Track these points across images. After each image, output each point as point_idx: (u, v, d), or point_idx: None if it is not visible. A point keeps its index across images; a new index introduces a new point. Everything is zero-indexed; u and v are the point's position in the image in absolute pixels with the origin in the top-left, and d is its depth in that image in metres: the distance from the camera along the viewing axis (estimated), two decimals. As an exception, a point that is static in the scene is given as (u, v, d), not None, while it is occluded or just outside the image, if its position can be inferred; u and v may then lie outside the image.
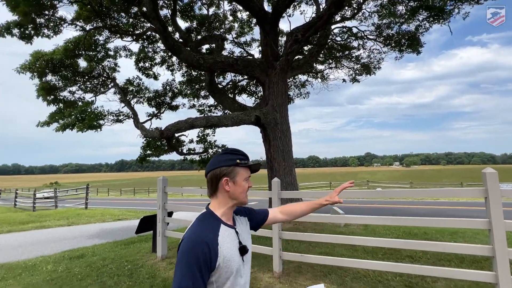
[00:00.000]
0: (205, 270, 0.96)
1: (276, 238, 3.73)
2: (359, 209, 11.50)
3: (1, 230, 8.96)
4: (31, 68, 8.17)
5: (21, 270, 4.81)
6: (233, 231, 1.12)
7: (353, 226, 7.12)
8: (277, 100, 7.29)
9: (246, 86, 11.61)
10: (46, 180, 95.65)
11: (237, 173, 1.12)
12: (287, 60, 7.14)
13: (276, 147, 7.14)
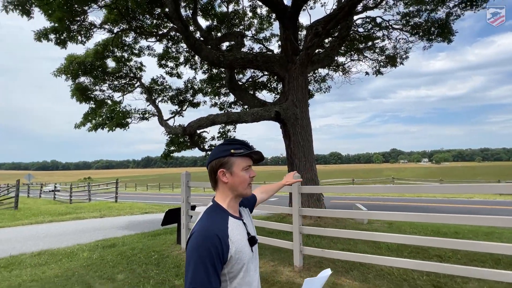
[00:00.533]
0: (218, 263, 0.94)
1: (297, 233, 3.74)
2: (383, 207, 11.10)
3: (44, 220, 9.82)
4: (66, 70, 8.79)
5: (61, 256, 5.25)
6: (241, 223, 1.11)
7: (377, 224, 6.91)
8: (297, 95, 7.21)
9: (266, 82, 11.59)
10: (80, 176, 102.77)
11: (233, 164, 1.08)
12: (307, 54, 7.02)
13: (296, 143, 7.09)
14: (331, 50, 7.82)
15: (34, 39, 7.19)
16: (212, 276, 0.92)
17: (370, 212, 3.80)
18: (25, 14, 6.50)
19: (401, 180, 26.22)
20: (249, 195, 1.14)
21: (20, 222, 9.38)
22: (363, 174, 61.91)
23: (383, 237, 3.44)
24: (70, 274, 4.10)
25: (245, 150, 1.10)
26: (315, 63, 7.75)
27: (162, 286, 3.48)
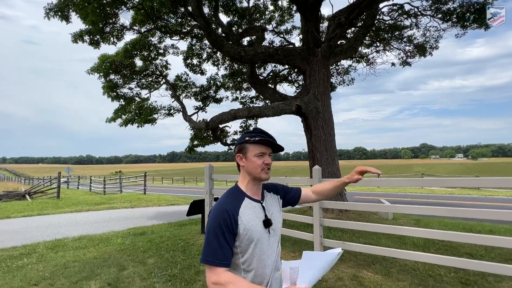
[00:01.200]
0: (229, 234, 1.09)
1: (317, 225, 3.77)
2: (411, 204, 10.64)
3: (82, 209, 10.71)
4: (98, 69, 9.43)
5: (98, 241, 5.74)
6: (259, 205, 1.21)
7: (403, 220, 6.68)
8: (318, 88, 7.11)
9: (287, 75, 11.51)
10: (112, 169, 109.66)
11: (247, 150, 1.21)
12: (329, 46, 6.87)
13: (317, 137, 7.02)
14: (355, 40, 7.56)
15: (72, 41, 7.79)
16: (223, 245, 1.08)
17: (393, 206, 3.69)
18: (64, 19, 7.05)
19: (432, 177, 24.81)
20: (264, 179, 1.23)
21: (62, 210, 10.31)
22: (389, 170, 59.27)
23: (408, 231, 3.32)
24: (107, 257, 4.49)
25: (259, 138, 1.20)
26: (338, 54, 7.56)
27: (188, 271, 3.70)
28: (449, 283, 3.14)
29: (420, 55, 9.68)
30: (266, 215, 1.20)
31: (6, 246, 5.36)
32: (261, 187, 1.29)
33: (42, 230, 6.83)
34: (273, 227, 1.22)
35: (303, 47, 7.54)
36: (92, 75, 9.65)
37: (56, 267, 4.05)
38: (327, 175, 6.85)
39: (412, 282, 3.16)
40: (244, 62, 7.81)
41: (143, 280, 3.44)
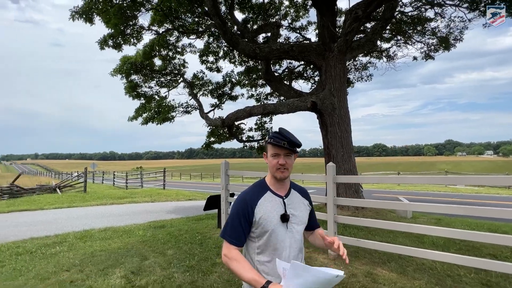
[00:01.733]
0: (244, 221, 1.25)
1: (331, 222, 3.78)
2: (433, 202, 10.24)
3: (106, 202, 11.33)
4: (120, 70, 9.85)
5: (122, 232, 6.09)
6: (280, 200, 1.31)
7: (423, 219, 6.49)
8: (334, 84, 7.01)
9: (303, 71, 11.39)
10: (133, 165, 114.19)
11: (268, 149, 1.33)
12: (346, 41, 6.74)
13: (333, 133, 6.94)
14: (373, 34, 7.34)
15: (99, 48, 8.21)
16: (237, 228, 1.25)
17: (411, 204, 3.63)
18: (88, 22, 7.44)
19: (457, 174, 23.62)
20: (279, 178, 1.30)
21: (89, 203, 10.97)
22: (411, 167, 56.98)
23: (425, 229, 3.24)
24: (130, 247, 4.77)
25: (275, 140, 1.28)
26: (355, 49, 7.38)
27: (204, 262, 3.86)
28: (469, 283, 3.06)
29: (444, 48, 9.21)
30: (285, 210, 1.28)
31: (41, 235, 5.83)
32: (286, 184, 1.36)
33: (72, 221, 7.33)
34: (292, 223, 1.29)
35: (318, 42, 7.45)
36: (115, 76, 10.11)
37: (85, 255, 4.37)
38: (343, 172, 6.78)
39: (429, 281, 3.11)
40: (259, 59, 7.85)
41: (163, 269, 3.64)
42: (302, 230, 1.35)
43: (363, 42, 7.37)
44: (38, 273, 3.67)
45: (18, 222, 7.32)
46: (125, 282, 3.25)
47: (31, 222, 7.22)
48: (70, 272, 3.65)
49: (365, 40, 7.45)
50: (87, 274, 3.52)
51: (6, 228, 6.52)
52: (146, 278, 3.34)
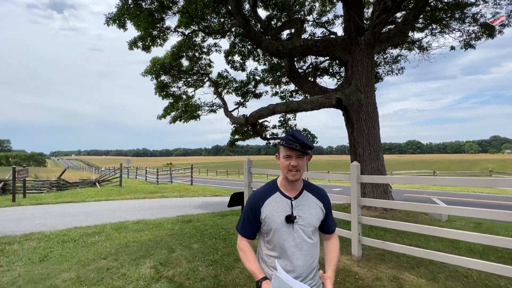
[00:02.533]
0: (252, 216, 1.37)
1: (355, 222, 3.68)
2: (475, 205, 9.41)
3: (139, 196, 12.10)
4: (150, 71, 10.39)
5: (152, 225, 6.47)
6: (287, 201, 1.34)
7: (460, 222, 6.02)
8: (361, 80, 6.73)
9: (328, 67, 11.07)
10: (164, 161, 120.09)
11: (280, 151, 1.37)
12: (374, 33, 6.42)
13: (360, 131, 6.69)
14: (404, 25, 6.89)
15: (128, 48, 8.74)
16: (246, 222, 1.38)
17: (447, 207, 3.38)
18: (121, 27, 7.96)
19: (503, 174, 21.41)
20: (290, 179, 1.33)
21: (124, 197, 11.80)
22: (449, 166, 52.71)
23: (460, 235, 2.99)
24: (159, 239, 5.07)
25: (287, 142, 1.30)
26: (384, 42, 7.00)
27: (227, 258, 3.99)
28: (510, 295, 2.80)
29: (487, 36, 8.35)
30: (292, 211, 1.31)
31: (82, 225, 6.42)
32: (297, 186, 1.37)
33: (109, 213, 7.95)
34: (299, 224, 1.31)
35: (344, 36, 7.18)
36: (146, 76, 10.69)
37: (120, 245, 4.73)
38: (370, 171, 6.52)
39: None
40: (283, 56, 7.78)
41: (188, 262, 3.83)
42: (313, 232, 1.35)
43: (393, 34, 6.96)
44: (80, 259, 4.06)
45: (64, 212, 8.12)
46: (154, 272, 3.48)
47: (75, 213, 7.96)
48: (107, 260, 3.99)
49: (395, 32, 7.03)
50: (121, 263, 3.82)
51: (55, 218, 7.28)
52: (173, 270, 3.54)
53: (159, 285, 3.14)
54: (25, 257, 4.28)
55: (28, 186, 13.11)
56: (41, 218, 7.17)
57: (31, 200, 10.63)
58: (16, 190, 10.85)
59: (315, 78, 10.41)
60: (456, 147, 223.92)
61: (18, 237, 5.31)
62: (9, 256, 4.31)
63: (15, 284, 3.25)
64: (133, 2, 7.24)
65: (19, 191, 11.49)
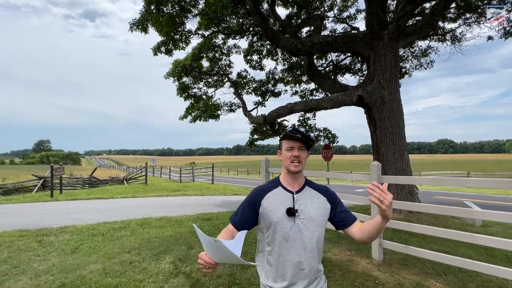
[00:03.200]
0: (249, 208, 1.35)
1: (376, 225, 3.52)
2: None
3: (163, 194, 12.58)
4: (172, 73, 10.76)
5: (174, 222, 6.70)
6: (289, 195, 1.34)
7: (496, 228, 5.54)
8: (384, 76, 6.44)
9: (349, 64, 10.72)
10: (187, 160, 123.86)
11: (282, 145, 1.40)
12: (398, 27, 6.11)
13: (383, 129, 6.40)
14: (432, 16, 6.46)
15: (153, 54, 9.12)
16: (241, 213, 1.36)
17: (482, 211, 3.10)
18: (143, 31, 8.32)
19: (550, 176, 19.32)
20: (292, 171, 1.34)
21: (149, 194, 12.33)
22: (486, 167, 48.56)
23: (494, 242, 2.73)
24: (179, 236, 5.24)
25: (289, 133, 1.35)
26: (409, 35, 6.62)
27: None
28: (553, 310, 2.52)
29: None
30: (293, 204, 1.30)
31: (110, 220, 6.81)
32: (299, 180, 1.37)
33: (134, 210, 8.36)
34: (301, 218, 1.28)
35: (366, 31, 6.90)
36: (168, 78, 11.09)
37: (143, 240, 4.95)
38: (394, 172, 6.22)
39: (496, 302, 2.67)
40: (301, 54, 7.66)
41: (206, 259, 3.91)
42: (315, 227, 1.29)
43: (420, 26, 6.55)
44: (106, 252, 4.31)
45: (94, 208, 8.67)
46: (173, 267, 3.60)
47: (104, 209, 8.47)
48: (130, 254, 4.20)
49: (422, 24, 6.62)
50: (143, 257, 4.00)
51: (86, 213, 7.80)
52: (191, 266, 3.63)
53: (177, 280, 3.25)
54: (59, 248, 4.63)
55: (64, 183, 14.17)
56: (75, 213, 7.72)
57: (66, 196, 11.48)
58: (54, 186, 11.77)
59: (336, 75, 10.13)
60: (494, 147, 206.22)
61: (54, 230, 5.76)
62: (46, 247, 4.68)
63: (49, 272, 3.53)
64: (155, 8, 7.53)
65: (56, 187, 12.46)
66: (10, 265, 3.79)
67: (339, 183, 22.45)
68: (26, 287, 3.12)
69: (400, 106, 6.53)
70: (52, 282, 3.20)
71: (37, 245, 4.75)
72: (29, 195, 12.10)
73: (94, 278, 3.28)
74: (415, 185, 6.50)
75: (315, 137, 10.37)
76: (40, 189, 13.69)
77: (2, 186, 13.88)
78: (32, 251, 4.44)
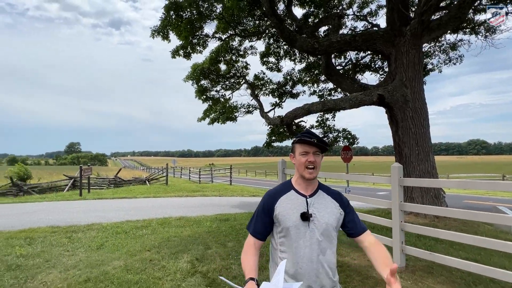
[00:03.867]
0: (264, 214, 1.32)
1: (397, 229, 3.37)
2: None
3: (182, 194, 12.91)
4: (191, 77, 11.03)
5: (192, 222, 6.84)
6: (303, 199, 1.30)
7: (536, 236, 5.07)
8: (407, 73, 6.16)
9: (369, 62, 10.38)
10: (206, 162, 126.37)
11: (295, 149, 1.35)
12: (422, 22, 5.83)
13: (405, 129, 6.12)
14: (459, 9, 6.08)
15: (171, 57, 9.42)
16: (257, 221, 1.34)
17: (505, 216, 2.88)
18: (164, 38, 8.63)
19: None
20: (307, 177, 1.30)
21: (169, 194, 12.71)
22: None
23: None
24: (197, 236, 5.34)
25: (304, 137, 1.29)
26: (434, 30, 6.28)
27: (260, 258, 3.98)
28: None
29: None
30: (307, 209, 1.27)
31: (133, 218, 7.10)
32: (313, 185, 1.35)
33: (155, 209, 8.65)
34: (315, 223, 1.26)
35: (386, 28, 6.66)
36: (187, 82, 11.39)
37: (162, 239, 5.11)
38: (418, 174, 5.92)
39: (534, 317, 2.44)
40: (319, 54, 7.54)
41: (222, 259, 3.95)
42: (328, 232, 1.26)
43: (446, 20, 6.20)
44: (128, 250, 4.50)
45: (119, 207, 9.09)
46: (190, 266, 3.67)
47: (127, 208, 8.85)
48: (151, 252, 4.35)
49: (449, 18, 6.25)
50: (162, 256, 4.12)
51: (111, 211, 8.19)
52: (207, 266, 3.69)
53: (193, 279, 3.31)
54: (86, 244, 4.90)
55: (91, 182, 15.01)
56: (101, 211, 8.13)
57: (94, 195, 12.14)
58: (83, 186, 12.50)
59: (355, 74, 9.85)
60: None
61: (82, 227, 6.10)
62: (74, 243, 4.98)
63: (77, 267, 3.75)
64: (174, 13, 7.78)
65: (85, 187, 13.23)
66: (42, 258, 4.07)
67: (360, 185, 21.76)
68: (56, 280, 3.33)
69: (425, 105, 6.22)
70: (79, 277, 3.39)
71: (67, 240, 5.05)
72: (60, 193, 12.96)
73: (116, 274, 3.43)
74: (442, 188, 6.14)
75: (334, 138, 10.14)
76: (70, 188, 14.61)
77: (37, 185, 15.00)
78: (62, 246, 4.73)
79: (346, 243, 4.49)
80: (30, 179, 19.38)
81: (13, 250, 4.39)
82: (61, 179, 16.25)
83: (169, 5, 7.85)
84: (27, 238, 5.11)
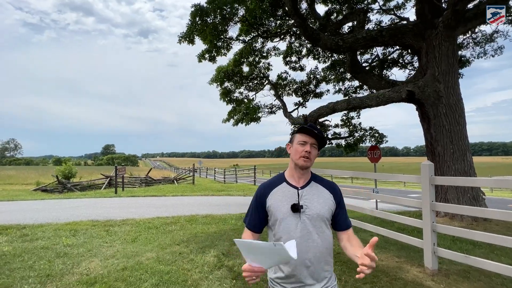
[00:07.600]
0: (258, 207, 1.37)
1: (428, 230, 3.22)
2: None
3: (208, 193, 13.31)
4: (216, 79, 11.36)
5: (218, 220, 7.05)
6: (294, 191, 1.31)
7: None
8: (439, 67, 5.82)
9: (398, 57, 9.91)
10: (230, 163, 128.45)
11: (294, 138, 1.36)
12: (455, 12, 5.48)
13: (439, 126, 5.78)
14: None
15: (198, 61, 9.80)
16: (252, 213, 1.39)
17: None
18: (190, 43, 9.00)
19: None
20: (300, 165, 1.30)
21: (196, 193, 13.17)
22: None
23: None
24: (223, 233, 5.51)
25: (305, 127, 1.32)
26: (470, 20, 5.87)
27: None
28: None
29: None
30: (298, 200, 1.27)
31: (163, 215, 7.49)
32: (305, 176, 1.34)
33: (183, 207, 9.03)
34: (306, 214, 1.26)
35: (416, 21, 6.35)
36: (212, 84, 11.75)
37: (190, 235, 5.35)
38: (453, 174, 5.56)
39: None
40: (343, 51, 7.39)
41: (247, 255, 4.06)
42: (321, 223, 1.27)
43: (483, 9, 5.76)
44: (159, 243, 4.78)
45: (149, 204, 9.63)
46: (216, 260, 3.82)
47: (158, 205, 9.35)
48: (180, 246, 4.59)
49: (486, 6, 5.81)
50: (191, 250, 4.33)
51: (143, 208, 8.71)
52: (233, 261, 3.82)
53: (220, 272, 3.45)
54: (122, 237, 5.28)
55: (125, 181, 16.04)
56: (134, 208, 8.69)
57: (127, 193, 12.98)
58: (118, 184, 13.41)
59: (382, 71, 9.47)
60: None
61: (118, 222, 6.58)
62: (112, 236, 5.39)
63: (115, 257, 4.08)
64: (199, 19, 8.10)
65: (119, 185, 14.18)
66: (85, 248, 4.48)
67: (389, 187, 20.73)
68: (97, 267, 3.67)
69: (460, 100, 5.83)
70: (117, 265, 3.69)
71: (105, 233, 5.49)
72: (98, 191, 14.02)
73: (149, 265, 3.68)
74: (481, 189, 5.70)
75: (360, 137, 9.81)
76: (107, 187, 15.74)
77: (79, 183, 16.36)
78: (101, 238, 5.16)
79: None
80: (73, 178, 21.23)
81: (60, 240, 4.89)
82: (98, 178, 17.58)
83: (195, 11, 8.18)
84: (72, 230, 5.64)
